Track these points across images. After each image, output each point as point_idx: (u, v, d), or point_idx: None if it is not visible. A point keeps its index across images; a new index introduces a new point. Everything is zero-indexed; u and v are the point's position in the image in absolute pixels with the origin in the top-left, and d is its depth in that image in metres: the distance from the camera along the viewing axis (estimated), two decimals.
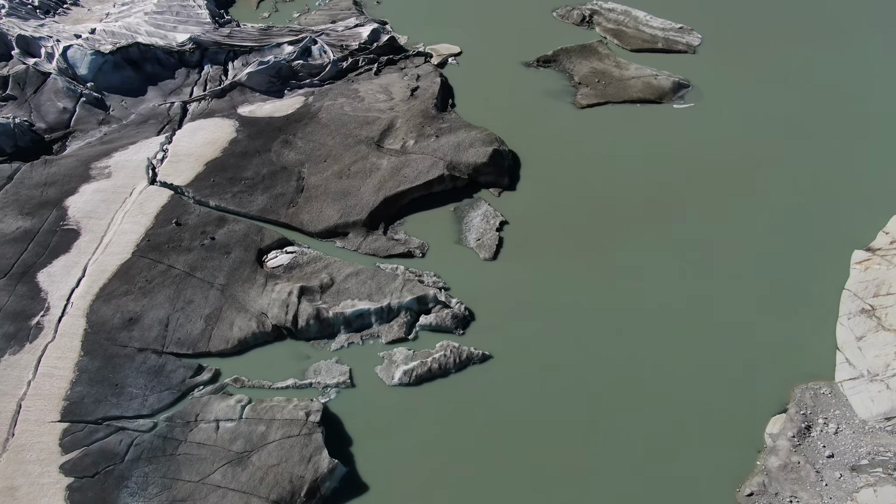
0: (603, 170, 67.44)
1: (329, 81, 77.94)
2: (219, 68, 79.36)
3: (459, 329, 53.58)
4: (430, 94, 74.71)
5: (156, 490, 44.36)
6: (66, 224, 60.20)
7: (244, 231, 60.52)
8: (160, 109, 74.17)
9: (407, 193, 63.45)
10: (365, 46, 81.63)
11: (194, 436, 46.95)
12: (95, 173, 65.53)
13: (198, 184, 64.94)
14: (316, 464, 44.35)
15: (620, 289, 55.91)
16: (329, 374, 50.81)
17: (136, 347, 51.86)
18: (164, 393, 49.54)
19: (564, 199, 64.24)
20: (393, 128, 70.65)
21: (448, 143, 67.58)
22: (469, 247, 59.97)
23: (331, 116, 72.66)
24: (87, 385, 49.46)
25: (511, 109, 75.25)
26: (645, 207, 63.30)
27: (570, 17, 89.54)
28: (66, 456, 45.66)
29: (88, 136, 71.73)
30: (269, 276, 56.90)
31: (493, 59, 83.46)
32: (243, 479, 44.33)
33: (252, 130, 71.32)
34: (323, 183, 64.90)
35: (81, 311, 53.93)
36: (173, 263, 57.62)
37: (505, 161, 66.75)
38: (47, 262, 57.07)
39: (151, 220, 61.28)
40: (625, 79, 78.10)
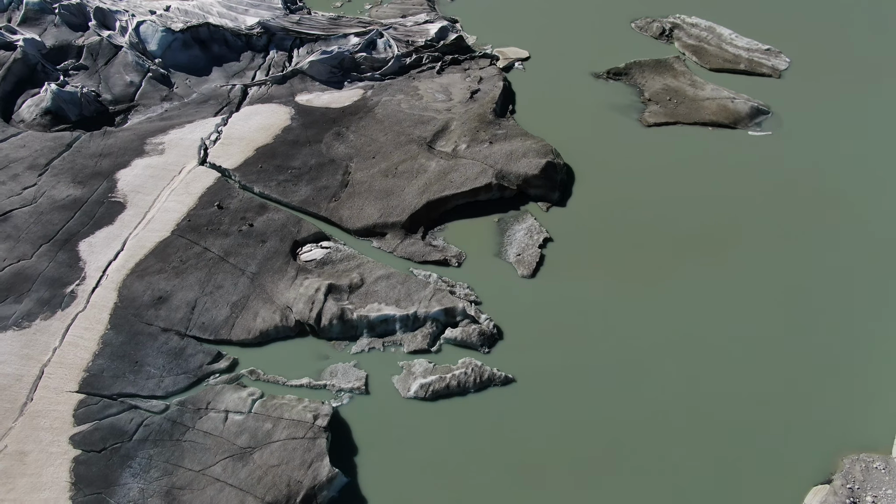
0: (662, 193, 63.49)
1: (390, 77, 76.70)
2: (284, 54, 79.41)
3: (485, 347, 51.19)
4: (489, 99, 72.34)
5: (157, 474, 44.04)
6: (113, 196, 61.19)
7: (283, 221, 59.93)
8: (221, 90, 74.75)
9: (451, 199, 61.41)
10: (431, 44, 80.00)
11: (202, 424, 46.47)
12: (149, 148, 66.46)
13: (245, 169, 64.88)
14: (316, 470, 42.99)
15: (663, 321, 52.20)
16: (345, 378, 49.43)
17: (161, 327, 51.93)
18: (181, 376, 49.32)
19: (616, 221, 60.75)
20: (447, 130, 68.72)
21: (501, 151, 65.10)
22: (508, 261, 57.41)
23: (386, 112, 71.38)
24: (108, 359, 49.81)
25: (573, 121, 72.01)
26: (702, 237, 59.10)
27: (649, 29, 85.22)
28: (77, 427, 45.99)
29: (150, 111, 73.01)
30: (300, 270, 56.05)
31: (561, 67, 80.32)
32: (242, 475, 43.46)
33: (307, 119, 70.84)
34: (368, 180, 63.64)
35: (115, 284, 54.52)
36: (209, 246, 57.59)
37: (558, 175, 63.74)
38: (90, 233, 58.07)
39: (195, 200, 61.55)
40: (699, 99, 73.51)
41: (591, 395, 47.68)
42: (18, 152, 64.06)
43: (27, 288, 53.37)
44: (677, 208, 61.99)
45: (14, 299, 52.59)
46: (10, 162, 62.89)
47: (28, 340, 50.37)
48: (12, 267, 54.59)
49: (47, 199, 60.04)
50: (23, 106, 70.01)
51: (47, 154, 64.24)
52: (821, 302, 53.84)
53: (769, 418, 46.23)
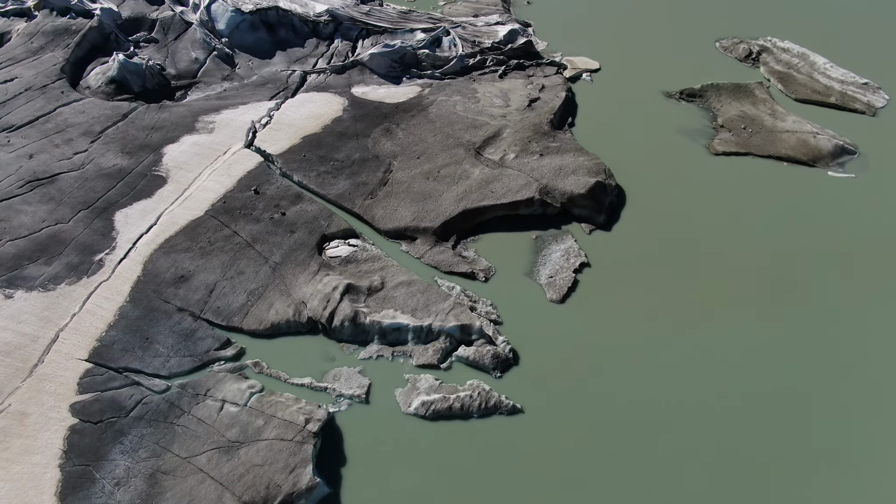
0: (720, 229, 58.46)
1: (451, 76, 74.49)
2: (348, 44, 78.58)
3: (497, 371, 48.29)
4: (548, 109, 68.96)
5: (145, 454, 43.63)
6: (157, 170, 61.85)
7: (315, 213, 58.86)
8: (281, 75, 74.67)
9: (489, 210, 58.65)
10: (497, 46, 77.22)
11: (198, 410, 45.82)
12: (200, 126, 66.95)
13: (288, 156, 64.29)
14: (297, 477, 41.43)
15: (694, 371, 47.72)
16: (347, 384, 47.71)
17: (177, 306, 51.78)
18: (186, 359, 48.93)
19: (663, 254, 56.33)
20: (498, 137, 65.90)
21: (550, 165, 61.76)
22: (538, 282, 54.17)
23: (440, 113, 69.26)
24: (121, 331, 50.03)
25: (634, 141, 67.69)
26: (757, 281, 53.87)
27: (735, 50, 79.29)
28: (79, 396, 46.26)
29: (209, 88, 73.75)
30: (323, 265, 54.76)
31: (631, 83, 75.85)
32: (225, 470, 42.42)
33: (359, 112, 69.66)
34: (408, 180, 61.73)
35: (142, 257, 54.85)
36: (239, 230, 57.19)
37: (607, 197, 59.81)
38: (128, 204, 58.81)
39: (234, 182, 61.40)
40: (777, 131, 67.54)
41: (601, 441, 43.97)
42: (77, 118, 65.88)
43: (59, 251, 54.46)
44: (734, 248, 56.86)
45: (45, 261, 53.76)
46: (67, 126, 64.73)
47: (50, 303, 51.30)
48: (50, 229, 55.90)
49: (94, 167, 61.34)
50: (91, 73, 72.17)
51: (103, 122, 65.76)
52: (884, 375, 47.96)
53: (793, 496, 41.35)
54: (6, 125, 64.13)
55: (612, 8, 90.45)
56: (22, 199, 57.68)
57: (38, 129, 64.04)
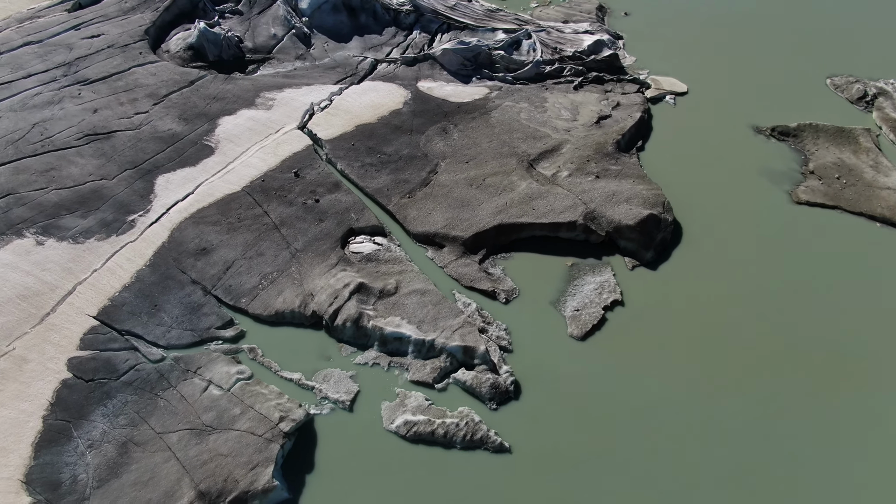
0: (782, 286, 51.65)
1: (523, 81, 70.72)
2: (426, 37, 76.44)
3: (493, 403, 44.63)
4: (617, 129, 63.83)
5: (124, 421, 43.49)
6: (207, 140, 62.29)
7: (348, 205, 57.17)
8: (352, 60, 73.61)
9: (527, 227, 54.76)
10: (580, 56, 72.56)
11: (184, 387, 45.22)
12: (260, 102, 66.97)
13: (337, 142, 62.99)
14: (256, 475, 39.80)
15: (707, 444, 41.99)
16: (335, 387, 45.62)
17: (192, 278, 51.61)
18: (187, 332, 48.52)
19: (711, 305, 50.39)
20: (556, 151, 61.64)
21: (603, 189, 56.95)
22: (562, 313, 49.88)
23: (502, 118, 65.78)
24: (133, 294, 50.40)
25: (707, 175, 61.38)
26: (814, 357, 46.97)
27: (848, 89, 70.48)
28: (79, 351, 46.84)
29: (281, 66, 73.84)
30: (342, 259, 52.98)
31: (719, 111, 69.04)
32: (191, 453, 41.44)
33: (419, 107, 67.39)
34: (450, 184, 58.83)
35: (171, 224, 55.10)
36: (270, 211, 56.45)
37: (658, 233, 54.36)
38: (173, 169, 59.48)
39: (278, 162, 60.79)
40: (876, 186, 59.13)
41: (584, 499, 39.54)
42: (147, 79, 67.63)
43: (97, 206, 55.74)
44: (796, 311, 50.02)
45: (82, 214, 55.17)
46: (136, 86, 66.55)
47: (76, 255, 52.49)
48: (94, 183, 57.40)
49: (150, 129, 62.57)
50: (173, 38, 74.06)
51: (170, 86, 67.13)
52: None
53: None
54: (82, 78, 66.78)
55: (717, 29, 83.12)
56: (76, 151, 59.67)
57: (109, 85, 66.25)
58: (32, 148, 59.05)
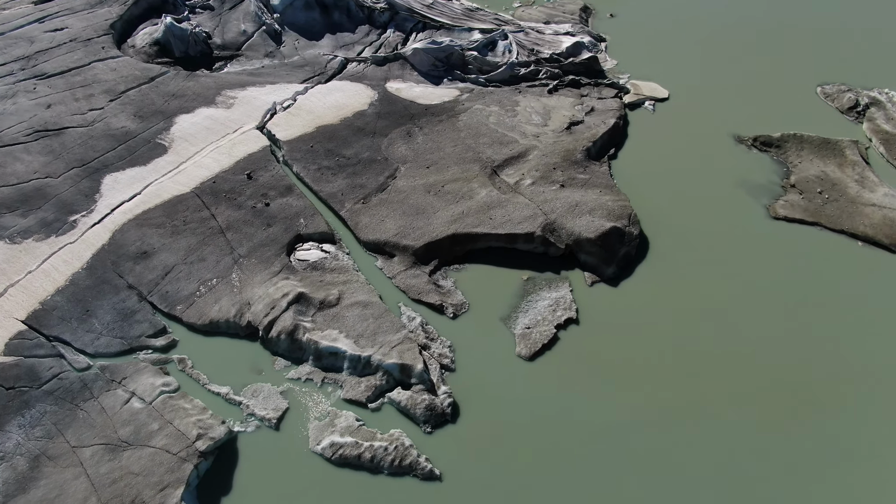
0: (753, 306, 48.43)
1: (496, 84, 67.95)
2: (400, 36, 73.90)
3: (428, 426, 41.99)
4: (588, 135, 60.86)
5: (40, 433, 41.40)
6: (161, 139, 60.19)
7: (298, 210, 54.80)
8: (321, 59, 71.26)
9: (482, 238, 52.07)
10: (557, 58, 69.60)
11: (105, 398, 43.07)
12: (221, 100, 64.80)
13: (295, 144, 60.65)
14: (164, 497, 37.51)
15: (661, 470, 39.12)
16: (263, 403, 43.21)
17: (128, 282, 49.48)
18: (116, 340, 46.39)
19: (672, 324, 47.37)
20: (522, 158, 58.84)
21: (566, 199, 54.09)
22: (511, 331, 47.17)
23: (470, 122, 63.07)
24: (66, 299, 48.34)
25: (680, 186, 58.22)
26: (783, 378, 43.80)
27: (839, 99, 66.78)
28: (2, 357, 44.80)
29: (249, 63, 71.71)
30: (286, 267, 50.62)
31: (700, 118, 65.75)
32: (102, 470, 39.28)
33: (385, 109, 64.88)
34: (408, 190, 56.28)
35: (114, 225, 53.03)
36: (217, 214, 54.21)
37: (622, 247, 51.42)
38: (121, 168, 57.47)
39: (232, 163, 58.54)
40: (860, 202, 55.64)
41: None
42: (107, 74, 65.75)
43: (39, 205, 53.85)
44: (764, 333, 46.83)
45: (22, 213, 53.32)
46: (94, 82, 64.69)
47: (11, 256, 50.61)
48: (38, 182, 55.55)
49: (103, 126, 60.64)
50: (139, 32, 72.21)
51: (129, 82, 65.19)
52: None
53: None
54: (40, 72, 65.07)
55: (706, 34, 79.59)
56: (24, 148, 57.88)
57: (66, 80, 64.44)
58: None
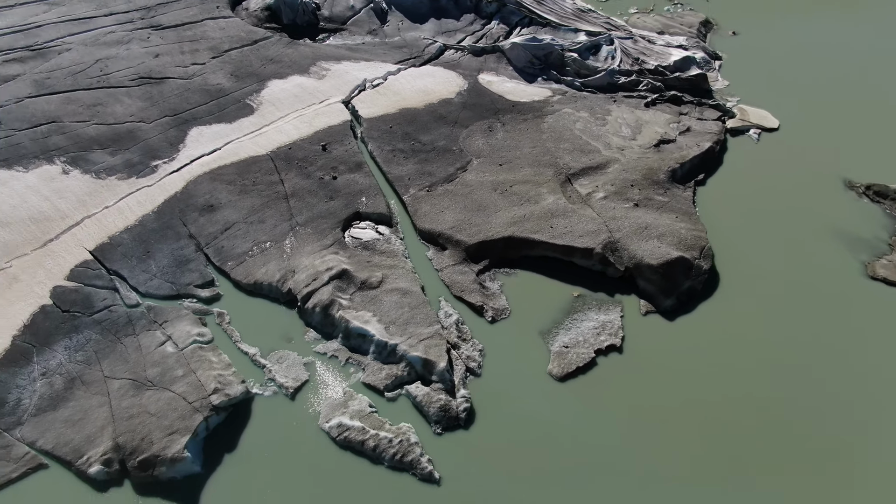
0: (822, 369, 43.52)
1: (591, 90, 64.95)
2: (504, 29, 72.24)
3: (438, 427, 40.76)
4: (677, 156, 56.86)
5: (80, 358, 43.93)
6: (251, 100, 62.07)
7: (363, 188, 54.84)
8: (421, 42, 70.93)
9: (539, 245, 49.91)
10: (662, 71, 65.52)
11: (144, 337, 44.96)
12: (314, 70, 65.97)
13: (375, 123, 60.72)
14: (170, 442, 38.59)
15: None
16: (285, 371, 43.53)
17: (189, 232, 51.44)
18: (167, 284, 48.35)
19: (724, 374, 43.32)
20: (601, 169, 55.87)
21: (636, 219, 50.81)
22: (548, 346, 44.90)
23: (555, 125, 60.67)
24: (131, 237, 50.91)
25: (773, 227, 53.11)
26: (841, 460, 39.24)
27: None
28: (65, 282, 47.90)
29: (350, 38, 72.55)
30: (338, 242, 50.78)
31: (809, 155, 59.61)
32: (123, 404, 41.03)
33: (472, 100, 63.65)
34: (475, 185, 54.91)
35: (189, 176, 55.34)
36: (285, 180, 55.26)
37: (686, 280, 47.62)
38: (208, 123, 59.76)
39: (310, 133, 59.48)
40: None
41: None
42: (215, 33, 68.61)
43: (128, 147, 56.98)
44: (823, 401, 41.91)
45: (112, 151, 56.61)
46: (202, 38, 67.68)
47: (93, 190, 53.87)
48: (132, 125, 58.76)
49: (200, 80, 63.32)
50: None
51: (233, 42, 67.70)
52: None
53: None
54: (156, 24, 68.93)
55: (832, 66, 72.03)
56: (126, 91, 61.44)
57: (177, 33, 67.85)
58: (88, 82, 61.52)
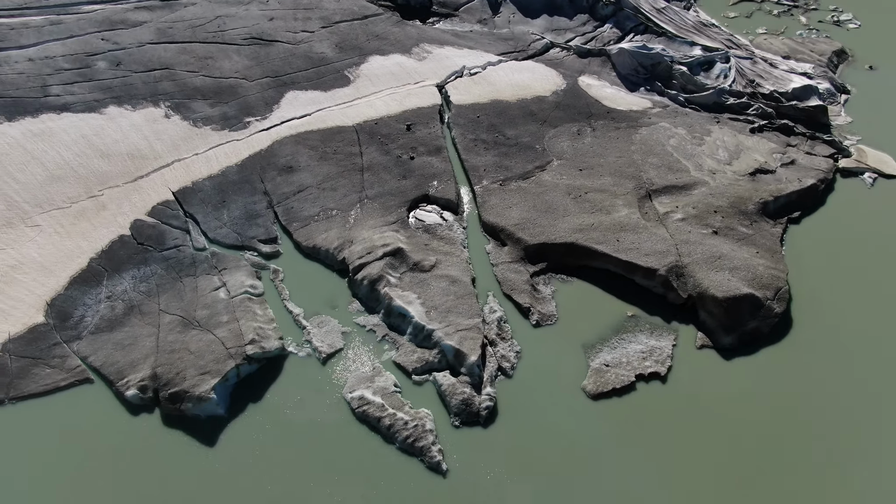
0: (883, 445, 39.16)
1: (695, 107, 61.32)
2: (617, 33, 69.53)
3: (457, 420, 40.06)
4: (772, 189, 52.58)
5: (143, 288, 46.76)
6: (349, 72, 63.41)
7: (437, 172, 54.72)
8: (528, 37, 69.68)
9: (600, 257, 47.81)
10: (777, 97, 60.75)
11: (202, 280, 47.22)
12: (416, 51, 66.44)
13: (464, 110, 60.36)
14: (200, 381, 40.26)
15: None
16: (322, 336, 44.26)
17: (265, 189, 53.38)
18: (234, 234, 50.47)
19: (772, 430, 39.74)
20: (685, 190, 52.64)
21: (711, 247, 47.51)
22: (588, 361, 42.95)
23: (647, 138, 57.84)
24: (212, 185, 53.46)
25: (864, 279, 48.09)
26: None
27: None
28: (145, 217, 51.04)
29: (459, 25, 72.46)
30: (400, 220, 50.97)
31: None
32: (169, 338, 43.25)
33: (566, 101, 61.84)
34: (549, 186, 53.38)
35: (276, 136, 57.33)
36: (364, 153, 56.13)
37: (752, 320, 43.97)
38: (304, 88, 61.64)
39: (399, 111, 60.04)
40: None
41: None
42: (330, 4, 70.57)
43: (227, 101, 59.79)
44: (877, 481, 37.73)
45: (212, 103, 59.59)
46: (316, 7, 69.83)
47: (188, 136, 56.94)
48: (235, 81, 61.58)
49: (306, 48, 65.37)
50: None
51: (344, 15, 69.36)
52: None
53: None
54: None
55: None
56: (237, 49, 64.49)
57: (295, 0, 70.36)
58: (205, 35, 65.13)
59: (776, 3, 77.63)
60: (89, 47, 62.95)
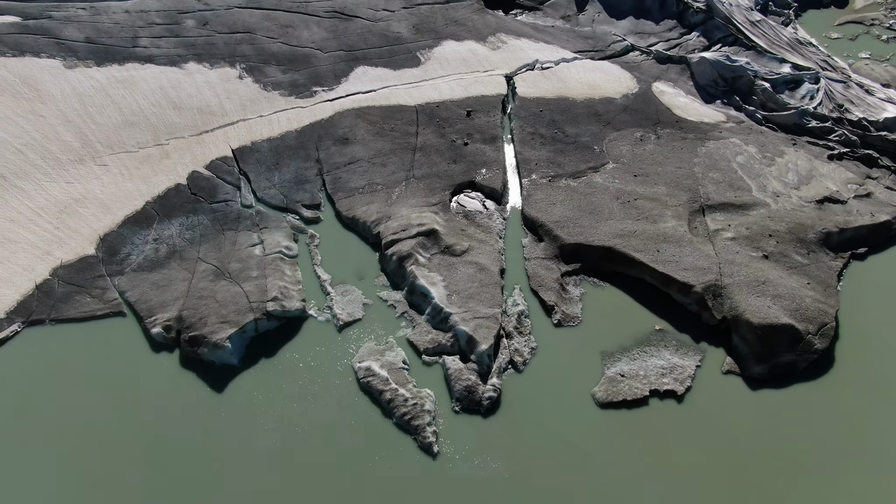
0: None
1: (772, 126, 57.73)
2: (703, 42, 66.36)
3: (458, 405, 39.74)
4: (839, 220, 48.80)
5: (188, 235, 49.03)
6: (421, 54, 63.80)
7: (488, 160, 54.28)
8: (608, 37, 67.73)
9: (637, 265, 45.97)
10: (865, 125, 56.26)
11: (242, 236, 48.99)
12: (491, 40, 66.05)
13: (528, 103, 59.51)
14: (219, 329, 41.86)
15: None
16: (344, 305, 44.96)
17: (319, 157, 54.66)
18: (280, 196, 52.06)
19: (785, 473, 37.24)
20: (742, 210, 49.75)
21: (757, 271, 44.70)
22: (604, 369, 41.49)
23: (713, 152, 55.03)
24: (269, 147, 55.31)
25: None
26: None
27: None
28: (203, 170, 53.46)
29: (542, 19, 71.40)
30: (442, 203, 50.93)
31: None
32: (200, 285, 45.18)
33: (635, 105, 59.80)
34: (599, 188, 51.83)
35: (339, 107, 58.59)
36: (420, 133, 56.48)
37: (788, 353, 41.08)
38: (374, 65, 62.60)
39: (462, 97, 60.04)
40: None
41: None
42: None
43: (298, 69, 61.59)
44: None
45: (284, 70, 61.52)
46: None
47: (256, 98, 59.07)
48: (309, 51, 63.33)
49: (384, 26, 66.29)
50: None
51: None
52: None
53: None
54: None
55: None
56: (317, 21, 66.23)
57: None
58: (289, 4, 67.31)
59: (888, 28, 71.95)
60: (182, 5, 66.50)
